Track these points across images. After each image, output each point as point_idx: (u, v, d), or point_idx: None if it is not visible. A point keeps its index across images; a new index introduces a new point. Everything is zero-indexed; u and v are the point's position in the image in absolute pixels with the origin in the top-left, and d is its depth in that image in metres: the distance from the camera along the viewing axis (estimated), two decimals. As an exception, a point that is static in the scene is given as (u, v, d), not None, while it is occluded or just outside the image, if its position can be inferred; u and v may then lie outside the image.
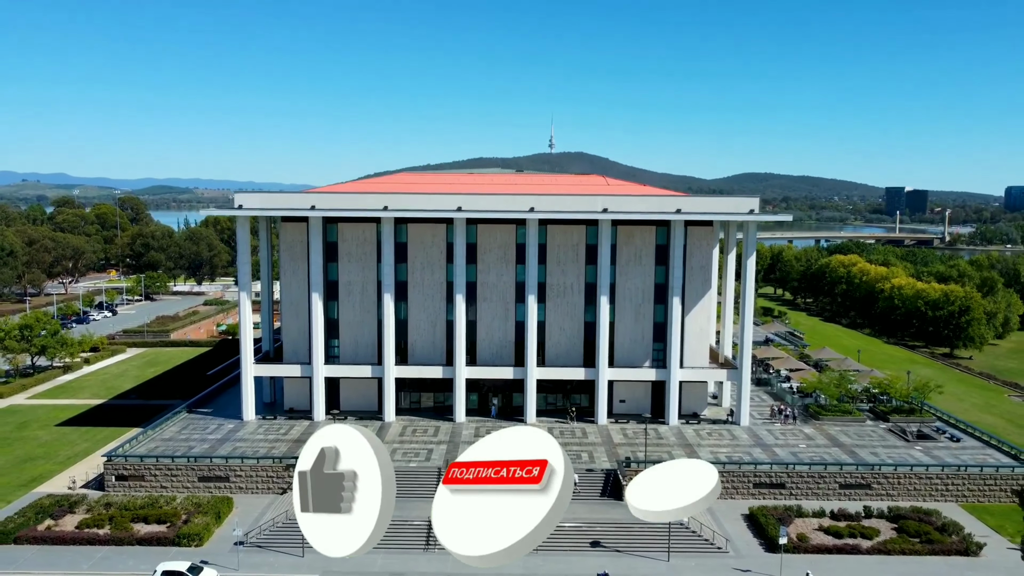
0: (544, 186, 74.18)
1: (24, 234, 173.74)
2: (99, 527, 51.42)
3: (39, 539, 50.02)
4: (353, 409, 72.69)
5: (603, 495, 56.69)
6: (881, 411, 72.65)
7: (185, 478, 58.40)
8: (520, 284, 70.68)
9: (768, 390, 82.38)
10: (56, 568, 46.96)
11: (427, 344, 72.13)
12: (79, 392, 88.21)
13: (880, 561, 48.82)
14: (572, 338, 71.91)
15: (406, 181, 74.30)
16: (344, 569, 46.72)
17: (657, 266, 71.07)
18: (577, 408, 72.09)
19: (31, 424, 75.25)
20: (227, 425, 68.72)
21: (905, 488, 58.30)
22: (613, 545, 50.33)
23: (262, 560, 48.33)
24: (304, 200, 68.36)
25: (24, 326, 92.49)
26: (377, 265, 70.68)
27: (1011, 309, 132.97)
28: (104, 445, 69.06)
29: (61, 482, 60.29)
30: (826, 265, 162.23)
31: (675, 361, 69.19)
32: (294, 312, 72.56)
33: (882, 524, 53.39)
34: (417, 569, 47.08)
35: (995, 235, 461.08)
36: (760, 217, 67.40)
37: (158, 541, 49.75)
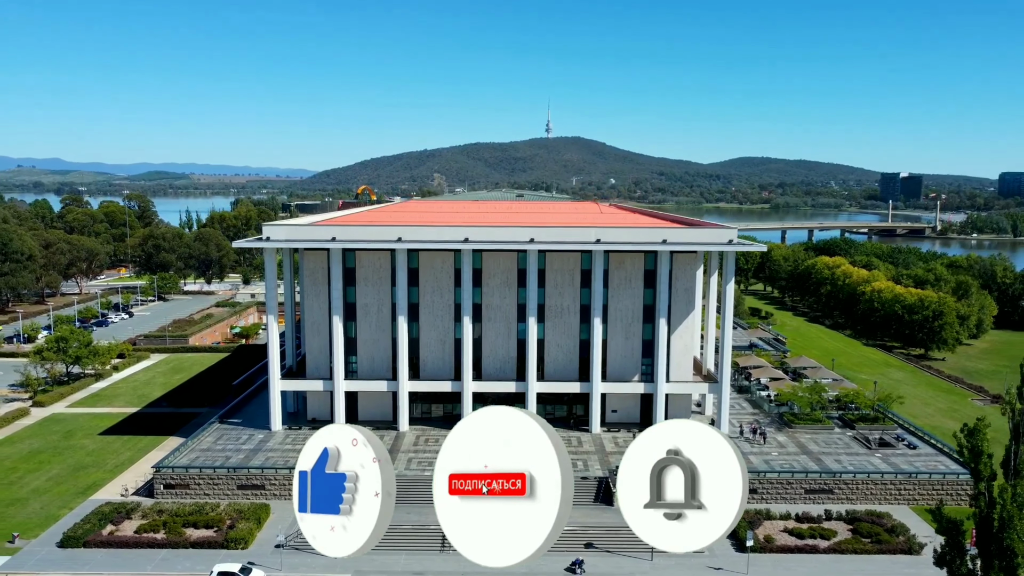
0: (543, 214, 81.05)
1: (41, 237, 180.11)
2: (155, 532, 58.83)
3: (104, 543, 57.42)
4: (370, 419, 79.95)
5: (596, 501, 64.23)
6: (849, 419, 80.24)
7: (225, 486, 65.81)
8: (521, 306, 77.82)
9: (748, 397, 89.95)
10: (123, 569, 54.41)
11: (437, 360, 79.36)
12: (113, 400, 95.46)
13: (834, 559, 56.47)
14: (569, 354, 79.17)
15: (418, 210, 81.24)
16: (372, 568, 54.19)
17: (646, 289, 78.21)
18: (573, 417, 79.55)
19: (76, 433, 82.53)
20: (257, 435, 76.06)
21: (863, 493, 65.97)
22: (604, 546, 57.91)
23: (300, 561, 55.79)
24: (326, 232, 75.25)
25: (60, 338, 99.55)
26: (391, 289, 77.74)
27: (984, 311, 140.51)
28: (145, 453, 76.55)
29: (114, 489, 67.66)
30: (812, 266, 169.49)
31: (662, 375, 76.58)
32: (316, 331, 79.65)
33: (840, 526, 61.01)
34: (434, 568, 54.59)
35: (986, 224, 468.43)
36: (737, 247, 74.46)
37: (208, 544, 57.21)
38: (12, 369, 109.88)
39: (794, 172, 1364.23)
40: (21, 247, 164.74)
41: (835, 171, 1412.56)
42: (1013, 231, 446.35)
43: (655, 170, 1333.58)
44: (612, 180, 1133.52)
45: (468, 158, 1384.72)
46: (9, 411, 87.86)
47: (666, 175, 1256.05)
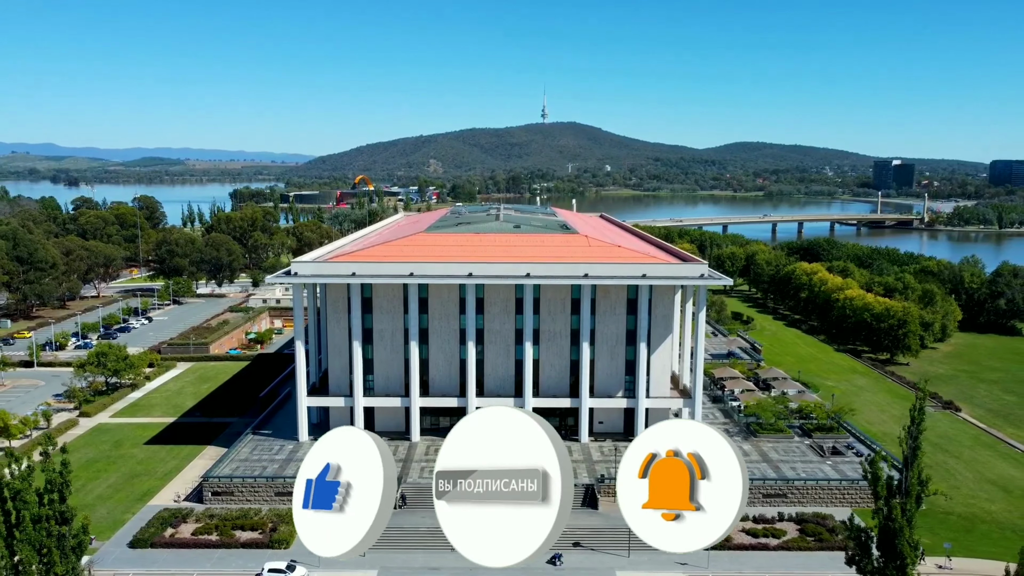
0: (537, 247, 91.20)
1: (62, 245, 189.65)
2: (209, 534, 69.38)
3: (167, 544, 67.99)
4: (385, 431, 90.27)
5: (583, 505, 75.02)
6: (808, 429, 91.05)
7: (264, 493, 76.39)
8: (519, 330, 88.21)
9: (722, 407, 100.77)
10: (187, 566, 64.98)
11: (444, 379, 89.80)
12: (151, 410, 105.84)
13: (782, 555, 67.36)
14: (560, 373, 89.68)
15: (425, 243, 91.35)
16: (394, 565, 64.87)
17: (628, 315, 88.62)
18: (564, 428, 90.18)
19: (124, 443, 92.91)
20: (287, 446, 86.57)
21: (812, 497, 76.84)
22: (589, 545, 68.72)
23: (334, 560, 66.30)
24: (347, 268, 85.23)
25: (100, 352, 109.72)
26: (404, 316, 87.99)
27: (948, 317, 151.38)
28: (188, 461, 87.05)
29: (167, 496, 78.15)
30: (792, 272, 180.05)
31: (642, 392, 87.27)
32: (337, 353, 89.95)
33: (790, 526, 71.87)
34: (449, 565, 65.21)
35: (973, 215, 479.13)
36: (708, 282, 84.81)
37: (256, 545, 67.79)
38: (51, 377, 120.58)
39: (789, 157, 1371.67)
40: (45, 256, 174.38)
41: (830, 156, 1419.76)
42: (999, 222, 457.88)
43: (650, 156, 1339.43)
44: (608, 167, 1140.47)
45: (464, 144, 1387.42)
46: (61, 422, 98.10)
47: (661, 161, 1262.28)
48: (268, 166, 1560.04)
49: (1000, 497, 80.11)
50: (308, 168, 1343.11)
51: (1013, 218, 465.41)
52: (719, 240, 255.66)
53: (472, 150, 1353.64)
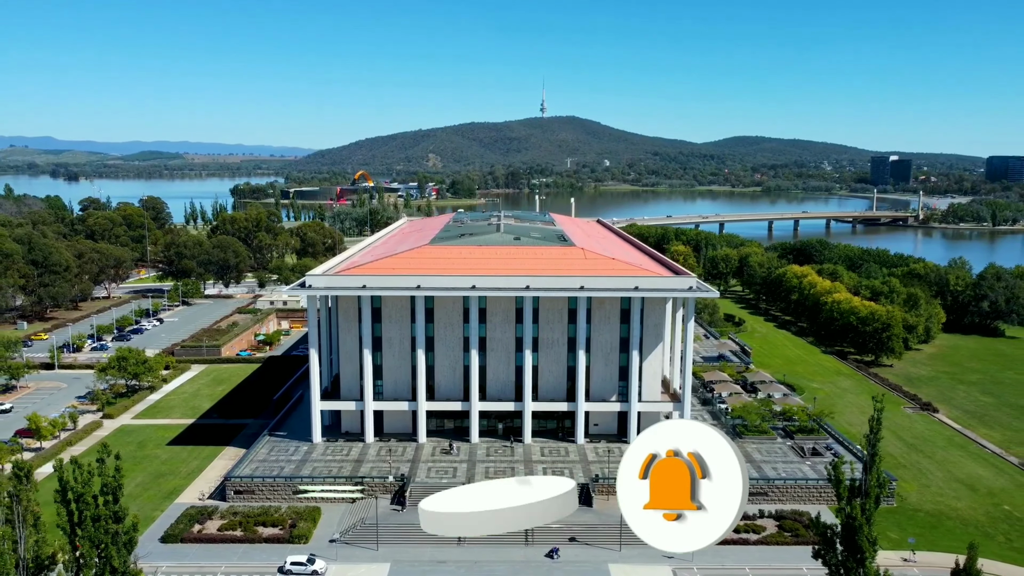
0: (536, 259, 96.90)
1: (73, 248, 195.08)
2: (233, 530, 75.21)
3: (196, 539, 73.81)
4: (393, 432, 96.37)
5: (579, 503, 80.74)
6: (790, 431, 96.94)
7: (283, 492, 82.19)
8: (519, 339, 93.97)
9: (711, 410, 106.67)
10: (215, 559, 70.82)
11: (449, 384, 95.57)
12: (170, 412, 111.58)
13: (761, 549, 73.29)
14: (558, 378, 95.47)
15: (431, 256, 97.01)
16: (405, 558, 70.72)
17: (622, 324, 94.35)
18: (562, 430, 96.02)
19: (147, 444, 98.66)
20: (302, 447, 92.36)
21: (791, 495, 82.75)
22: (583, 540, 74.61)
23: (350, 553, 72.31)
24: (357, 281, 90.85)
25: (120, 357, 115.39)
26: (411, 325, 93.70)
27: (932, 320, 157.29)
28: (209, 461, 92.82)
29: (192, 494, 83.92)
30: (783, 275, 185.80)
31: (635, 396, 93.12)
32: (348, 359, 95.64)
33: (769, 523, 77.79)
34: (454, 558, 70.93)
35: (967, 213, 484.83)
36: (696, 294, 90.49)
37: (277, 540, 73.60)
38: (72, 379, 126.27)
39: (788, 152, 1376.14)
40: (59, 259, 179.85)
41: (829, 150, 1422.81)
42: (992, 220, 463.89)
43: (649, 150, 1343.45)
44: (607, 162, 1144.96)
45: (463, 138, 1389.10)
46: (86, 424, 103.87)
47: (660, 155, 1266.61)
48: (267, 160, 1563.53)
49: (966, 495, 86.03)
50: (307, 162, 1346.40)
51: (1007, 215, 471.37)
52: (714, 240, 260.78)
53: (471, 144, 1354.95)
